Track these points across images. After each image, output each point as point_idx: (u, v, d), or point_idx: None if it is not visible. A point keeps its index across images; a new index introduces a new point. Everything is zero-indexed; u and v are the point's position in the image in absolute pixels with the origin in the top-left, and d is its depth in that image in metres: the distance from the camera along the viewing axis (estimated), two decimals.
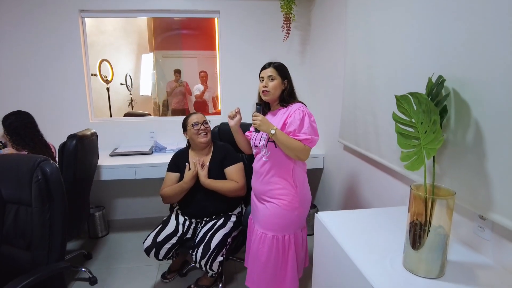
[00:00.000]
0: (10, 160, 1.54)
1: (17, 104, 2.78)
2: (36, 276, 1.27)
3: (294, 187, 1.71)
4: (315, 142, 1.66)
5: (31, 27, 2.74)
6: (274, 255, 1.74)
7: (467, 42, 1.12)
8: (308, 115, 1.66)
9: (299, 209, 1.73)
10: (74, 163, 2.02)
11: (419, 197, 0.97)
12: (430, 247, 0.96)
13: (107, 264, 2.56)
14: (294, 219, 1.73)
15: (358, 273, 1.02)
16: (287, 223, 1.73)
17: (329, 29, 2.60)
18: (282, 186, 1.71)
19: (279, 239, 1.73)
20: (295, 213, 1.72)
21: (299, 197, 1.73)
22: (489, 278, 0.99)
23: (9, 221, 1.51)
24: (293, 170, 1.72)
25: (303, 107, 1.68)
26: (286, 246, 1.75)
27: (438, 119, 1.02)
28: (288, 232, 1.74)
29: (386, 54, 1.67)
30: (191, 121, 2.10)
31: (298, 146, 1.61)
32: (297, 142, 1.61)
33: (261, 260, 1.76)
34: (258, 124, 1.60)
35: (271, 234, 1.73)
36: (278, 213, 1.71)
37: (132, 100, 5.15)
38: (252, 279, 1.81)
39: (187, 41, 5.54)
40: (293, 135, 1.63)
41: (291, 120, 1.65)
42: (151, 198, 3.17)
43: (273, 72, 1.71)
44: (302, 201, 1.75)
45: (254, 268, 1.80)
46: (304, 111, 1.65)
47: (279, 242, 1.73)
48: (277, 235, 1.73)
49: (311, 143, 1.64)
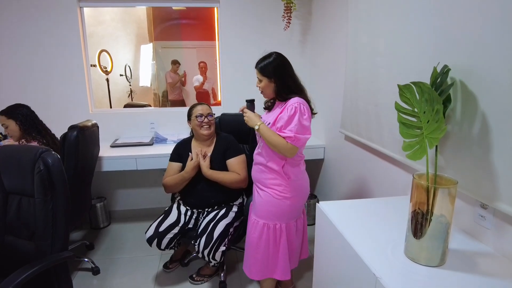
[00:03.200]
0: (12, 151, 1.54)
1: (16, 95, 2.78)
2: (40, 266, 1.28)
3: (286, 178, 1.72)
4: (301, 141, 1.61)
5: (29, 17, 2.70)
6: (264, 242, 1.77)
7: (474, 32, 1.11)
8: (301, 112, 1.59)
9: (291, 199, 1.73)
10: (76, 154, 2.02)
11: (421, 186, 0.98)
12: (431, 236, 0.97)
13: (109, 254, 2.58)
14: (286, 208, 1.75)
15: (360, 262, 1.03)
16: (278, 212, 1.74)
17: (330, 19, 2.58)
18: (274, 177, 1.73)
19: (270, 227, 1.76)
20: (287, 202, 1.73)
21: (291, 187, 1.73)
22: (489, 266, 1.00)
23: (12, 212, 1.52)
24: (286, 162, 1.71)
25: (299, 103, 1.61)
26: (277, 235, 1.77)
27: (441, 108, 1.01)
28: (279, 221, 1.76)
29: (389, 42, 1.65)
30: (196, 112, 2.09)
31: (280, 143, 1.59)
32: (279, 139, 1.59)
33: (252, 246, 1.81)
34: (246, 120, 1.72)
35: (262, 222, 1.77)
36: (269, 202, 1.74)
37: (132, 91, 5.13)
38: (246, 264, 1.87)
39: (186, 31, 5.49)
40: (279, 131, 1.62)
41: (281, 115, 1.64)
42: (151, 189, 3.19)
43: (258, 75, 1.70)
44: (296, 192, 1.75)
45: (247, 253, 1.86)
46: (297, 108, 1.59)
47: (270, 230, 1.76)
48: (268, 223, 1.76)
49: (295, 142, 1.59)
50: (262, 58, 1.71)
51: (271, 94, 1.73)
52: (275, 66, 1.66)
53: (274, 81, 1.68)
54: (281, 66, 1.68)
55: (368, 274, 0.97)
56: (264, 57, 1.70)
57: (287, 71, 1.70)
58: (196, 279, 2.20)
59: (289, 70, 1.71)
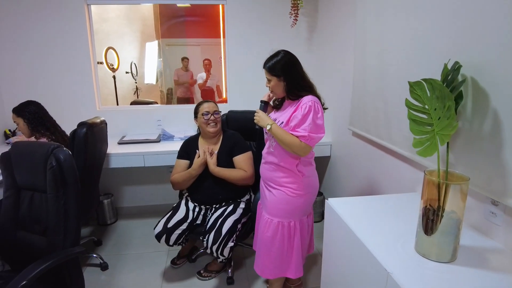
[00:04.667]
0: (24, 147, 1.56)
1: (27, 92, 2.81)
2: (54, 260, 1.30)
3: (300, 176, 1.72)
4: (314, 140, 1.59)
5: (37, 15, 2.72)
6: (278, 241, 1.76)
7: (484, 28, 1.11)
8: (315, 111, 1.58)
9: (304, 196, 1.74)
10: (85, 151, 2.03)
11: (432, 182, 0.98)
12: (442, 232, 0.97)
13: (117, 250, 2.61)
14: (300, 205, 1.75)
15: (371, 258, 1.03)
16: (292, 209, 1.74)
17: (337, 15, 2.57)
18: (287, 175, 1.72)
19: (284, 225, 1.75)
20: (301, 200, 1.73)
21: (305, 184, 1.73)
22: (500, 262, 1.00)
23: (24, 207, 1.55)
24: (299, 161, 1.71)
25: (313, 101, 1.59)
26: (291, 233, 1.76)
27: (452, 105, 1.01)
28: (293, 219, 1.76)
29: (398, 39, 1.65)
30: (202, 109, 2.10)
31: (293, 142, 1.58)
32: (293, 138, 1.58)
33: (266, 245, 1.79)
34: (257, 120, 1.71)
35: (277, 220, 1.75)
36: (284, 200, 1.73)
37: (138, 89, 5.15)
38: (258, 263, 1.86)
39: (191, 28, 5.50)
40: (292, 130, 1.60)
41: (296, 114, 1.62)
42: (158, 186, 3.21)
43: (267, 74, 1.68)
44: (308, 188, 1.75)
45: (259, 253, 1.84)
46: (311, 106, 1.57)
47: (284, 228, 1.75)
48: (283, 221, 1.75)
49: (309, 141, 1.57)
50: (270, 57, 1.68)
51: (281, 93, 1.71)
52: (283, 64, 1.64)
53: (283, 79, 1.65)
54: (289, 63, 1.65)
55: (380, 269, 0.98)
56: (271, 56, 1.68)
57: (296, 69, 1.67)
58: (203, 274, 2.22)
59: (298, 67, 1.68)
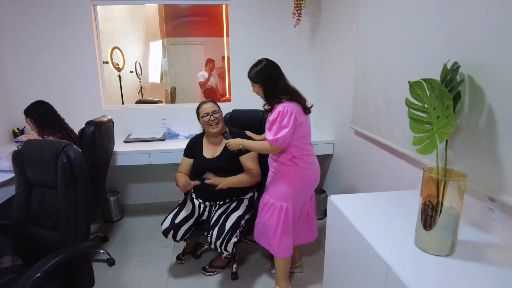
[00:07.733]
0: (35, 145, 1.61)
1: (32, 92, 2.86)
2: (65, 254, 1.35)
3: (294, 166, 1.85)
4: (279, 139, 1.71)
5: (43, 16, 2.77)
6: (267, 217, 1.92)
7: (482, 28, 1.14)
8: (282, 116, 1.71)
9: (297, 184, 1.87)
10: (92, 149, 2.08)
11: (431, 179, 1.02)
12: (441, 227, 1.01)
13: (123, 246, 2.66)
14: (293, 191, 1.88)
15: (372, 251, 1.07)
16: (284, 193, 1.88)
17: (339, 15, 2.60)
18: (284, 165, 1.88)
19: (276, 206, 1.90)
20: (295, 186, 1.87)
21: (300, 175, 1.87)
22: (497, 257, 1.04)
23: (36, 203, 1.60)
24: (293, 156, 1.84)
25: (283, 108, 1.72)
26: (281, 215, 1.88)
27: (451, 104, 1.04)
28: (286, 202, 1.88)
29: (399, 39, 1.68)
30: (202, 111, 2.12)
31: (264, 147, 1.80)
32: (263, 145, 1.80)
33: (258, 217, 2.01)
34: (230, 147, 1.91)
35: (271, 200, 1.92)
36: (279, 185, 1.90)
37: (142, 88, 5.19)
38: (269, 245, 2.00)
39: (194, 28, 5.53)
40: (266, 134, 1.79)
41: (268, 118, 1.81)
42: (163, 184, 3.26)
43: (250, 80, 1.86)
44: (304, 179, 1.89)
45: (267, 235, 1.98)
46: (280, 111, 1.72)
47: (275, 209, 1.89)
48: (275, 203, 1.90)
49: (275, 142, 1.72)
50: (252, 65, 1.85)
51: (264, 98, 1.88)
52: (257, 72, 1.81)
53: (260, 86, 1.82)
54: (265, 72, 1.81)
55: (380, 262, 1.01)
56: (253, 64, 1.85)
57: (271, 76, 1.81)
58: (208, 270, 2.27)
59: (274, 74, 1.82)
